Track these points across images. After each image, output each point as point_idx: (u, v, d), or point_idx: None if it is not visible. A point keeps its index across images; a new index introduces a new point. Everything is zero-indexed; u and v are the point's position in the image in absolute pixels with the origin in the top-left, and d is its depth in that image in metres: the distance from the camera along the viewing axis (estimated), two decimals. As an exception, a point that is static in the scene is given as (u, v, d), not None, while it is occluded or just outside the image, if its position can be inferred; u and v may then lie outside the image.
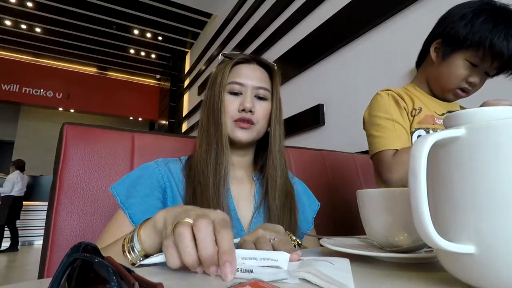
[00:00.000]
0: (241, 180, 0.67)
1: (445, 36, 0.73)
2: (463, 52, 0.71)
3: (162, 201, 0.58)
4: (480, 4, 0.69)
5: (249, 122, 0.63)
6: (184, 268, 0.30)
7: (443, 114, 0.80)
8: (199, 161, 0.61)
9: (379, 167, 0.75)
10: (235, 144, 0.64)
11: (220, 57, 0.70)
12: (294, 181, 0.75)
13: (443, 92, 0.80)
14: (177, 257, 0.30)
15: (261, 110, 0.65)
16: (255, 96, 0.65)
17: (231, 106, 0.63)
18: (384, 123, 0.76)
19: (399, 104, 0.78)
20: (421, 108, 0.79)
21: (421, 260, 0.34)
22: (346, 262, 0.31)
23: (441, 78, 0.78)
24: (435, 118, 0.78)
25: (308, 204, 0.75)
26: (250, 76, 0.65)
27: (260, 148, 0.70)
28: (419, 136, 0.77)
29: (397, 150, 0.73)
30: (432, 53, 0.78)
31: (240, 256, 0.30)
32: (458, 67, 0.73)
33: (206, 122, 0.64)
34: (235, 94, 0.64)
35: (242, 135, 0.63)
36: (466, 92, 0.77)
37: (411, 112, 0.79)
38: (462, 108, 0.87)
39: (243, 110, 0.63)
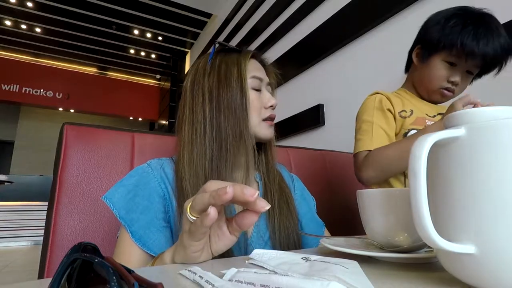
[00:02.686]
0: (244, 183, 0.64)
1: (423, 41, 0.80)
2: (439, 54, 0.76)
3: (163, 211, 0.53)
4: (453, 10, 0.75)
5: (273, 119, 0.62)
6: None
7: (434, 116, 0.82)
8: (197, 168, 0.54)
9: (354, 168, 0.82)
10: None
11: (217, 45, 0.62)
12: (292, 174, 0.75)
13: (428, 94, 0.83)
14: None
15: None
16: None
17: (258, 103, 0.59)
18: (364, 126, 0.82)
19: (382, 107, 0.82)
20: (412, 111, 0.82)
21: (421, 260, 0.34)
22: (355, 264, 0.29)
23: (424, 80, 0.82)
24: (427, 120, 0.81)
25: (309, 199, 0.74)
26: (261, 70, 0.63)
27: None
28: None
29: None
30: (414, 58, 0.83)
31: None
32: (438, 68, 0.77)
33: (218, 122, 0.56)
34: (257, 90, 0.61)
35: (271, 132, 0.61)
36: (452, 92, 0.80)
37: (400, 113, 0.82)
38: None
39: (271, 106, 0.60)
